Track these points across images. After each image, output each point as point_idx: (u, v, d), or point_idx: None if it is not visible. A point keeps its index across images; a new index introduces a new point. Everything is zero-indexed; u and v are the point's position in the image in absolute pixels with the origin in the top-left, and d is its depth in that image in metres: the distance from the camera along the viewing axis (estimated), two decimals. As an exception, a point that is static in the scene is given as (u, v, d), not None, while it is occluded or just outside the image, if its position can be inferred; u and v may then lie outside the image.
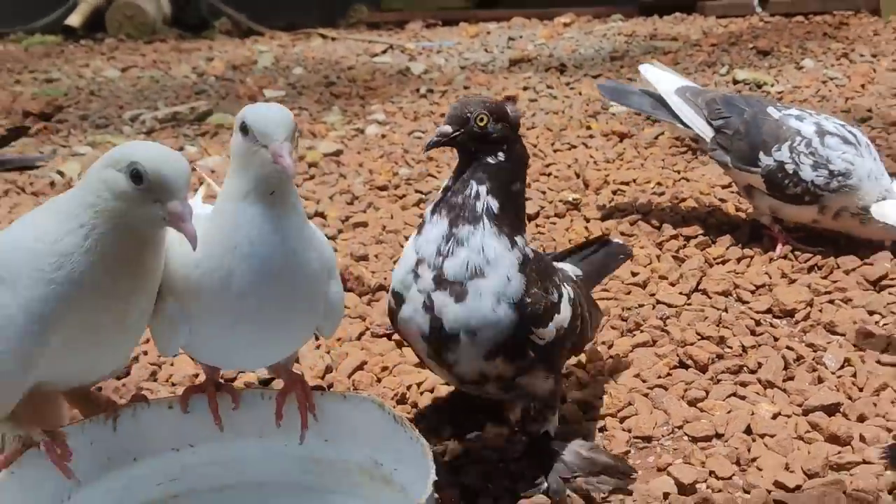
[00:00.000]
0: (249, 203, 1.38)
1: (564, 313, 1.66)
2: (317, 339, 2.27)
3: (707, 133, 2.75)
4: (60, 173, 3.53)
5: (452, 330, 1.53)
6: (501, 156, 1.60)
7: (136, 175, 1.29)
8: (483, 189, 1.57)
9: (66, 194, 1.40)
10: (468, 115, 1.58)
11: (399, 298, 1.59)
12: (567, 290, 1.71)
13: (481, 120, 1.58)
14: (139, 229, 1.33)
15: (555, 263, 1.89)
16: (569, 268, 1.95)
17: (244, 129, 1.36)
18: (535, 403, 1.71)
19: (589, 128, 3.81)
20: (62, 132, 4.13)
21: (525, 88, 4.49)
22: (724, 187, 3.10)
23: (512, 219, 1.59)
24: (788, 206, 2.64)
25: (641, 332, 2.29)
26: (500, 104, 1.63)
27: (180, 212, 1.29)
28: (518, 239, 1.59)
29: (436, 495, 1.34)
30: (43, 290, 1.31)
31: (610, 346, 2.24)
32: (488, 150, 1.60)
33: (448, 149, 2.14)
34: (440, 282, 1.54)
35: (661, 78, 2.90)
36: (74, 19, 6.38)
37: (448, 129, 1.59)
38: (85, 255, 1.31)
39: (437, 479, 1.35)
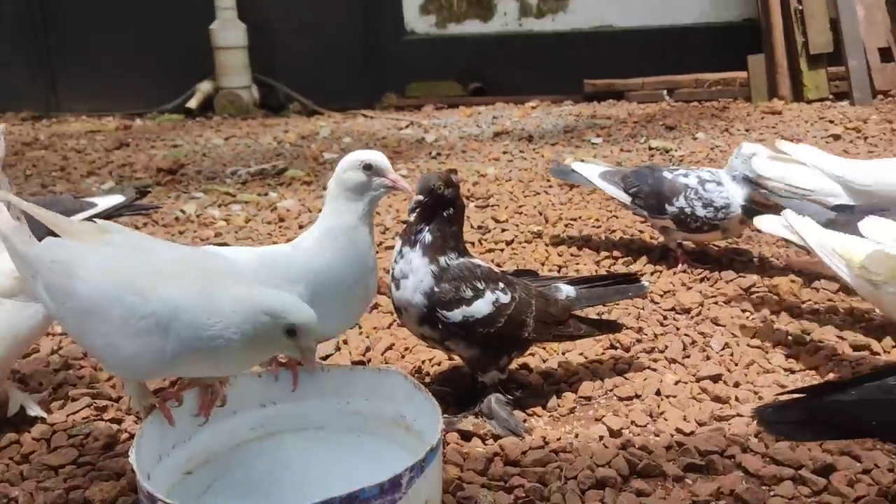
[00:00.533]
0: (365, 224, 1.55)
1: (477, 308, 1.73)
2: (360, 328, 2.28)
3: (626, 199, 2.74)
4: (182, 211, 3.53)
5: (398, 304, 1.77)
6: (451, 210, 1.73)
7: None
8: (426, 228, 1.72)
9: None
10: (432, 185, 1.69)
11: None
12: (498, 295, 1.76)
13: (440, 189, 1.70)
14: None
15: (555, 283, 1.92)
16: (565, 288, 1.92)
17: (367, 167, 1.53)
18: (466, 362, 1.83)
19: (549, 180, 3.80)
20: (183, 182, 4.12)
21: (504, 152, 4.48)
22: (642, 222, 3.09)
23: (438, 246, 1.72)
24: (696, 234, 2.64)
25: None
26: (448, 175, 1.74)
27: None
28: (441, 258, 1.72)
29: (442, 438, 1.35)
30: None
31: None
32: (444, 206, 1.72)
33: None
34: (392, 278, 1.75)
35: (588, 170, 2.87)
36: (192, 103, 6.33)
37: (421, 197, 1.70)
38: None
39: (444, 427, 1.36)
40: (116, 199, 2.67)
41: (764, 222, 2.22)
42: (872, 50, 5.41)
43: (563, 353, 2.10)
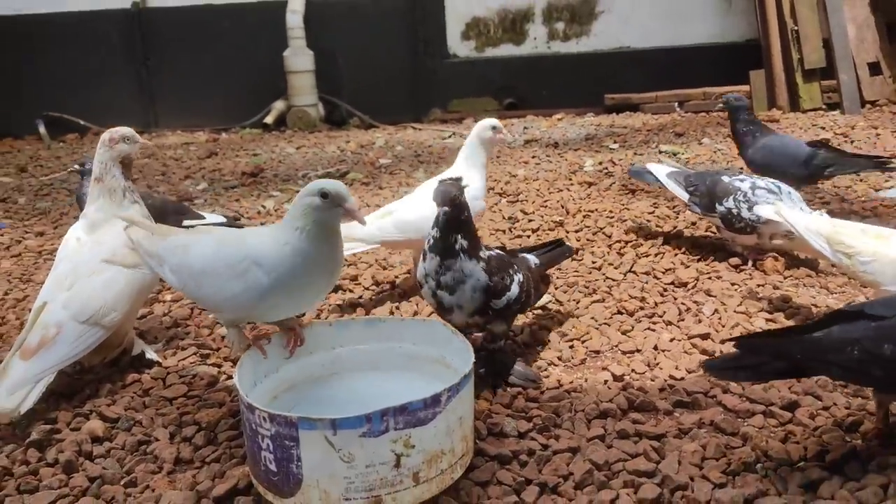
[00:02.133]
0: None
1: (513, 291, 1.77)
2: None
3: (685, 196, 2.70)
4: (263, 206, 3.73)
5: (449, 305, 1.72)
6: (466, 213, 1.71)
7: (323, 195, 1.44)
8: (459, 236, 1.69)
9: (284, 218, 1.51)
10: (453, 196, 1.67)
11: (420, 283, 1.76)
12: (518, 276, 1.80)
13: (458, 198, 1.68)
14: (330, 224, 1.46)
15: (522, 255, 1.96)
16: (531, 258, 2.00)
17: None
18: (495, 336, 1.83)
19: (570, 179, 3.90)
20: (263, 184, 4.31)
21: (533, 157, 4.58)
22: (650, 213, 3.17)
23: (475, 246, 1.71)
24: (738, 235, 2.53)
25: (596, 294, 2.38)
26: (459, 184, 1.71)
27: (353, 209, 1.44)
28: (480, 253, 1.71)
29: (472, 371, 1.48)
30: (285, 267, 1.46)
31: (578, 302, 2.32)
32: (463, 211, 1.70)
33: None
34: (440, 286, 1.71)
35: (658, 169, 2.88)
36: (269, 119, 6.57)
37: (446, 208, 1.67)
38: (304, 243, 1.46)
39: (475, 361, 1.50)
40: (219, 219, 3.05)
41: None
42: (862, 64, 5.37)
43: (577, 317, 2.22)
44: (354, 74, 6.75)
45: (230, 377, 1.96)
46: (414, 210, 2.28)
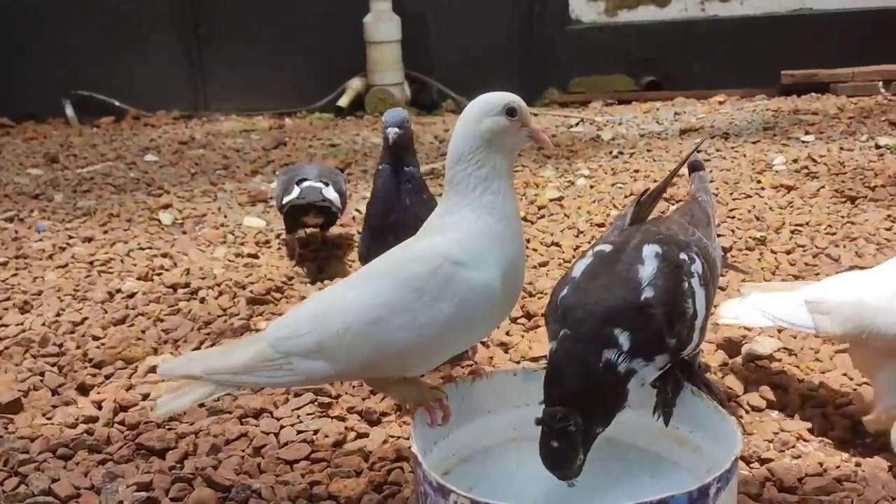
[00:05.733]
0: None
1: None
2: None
3: None
4: (358, 210, 3.69)
5: None
6: None
7: (510, 111, 1.44)
8: None
9: (446, 187, 1.50)
10: None
11: None
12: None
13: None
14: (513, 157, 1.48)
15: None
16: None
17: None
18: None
19: (759, 182, 3.70)
20: (351, 182, 4.30)
21: (698, 151, 4.40)
22: (886, 230, 2.96)
23: None
24: None
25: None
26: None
27: (538, 129, 1.47)
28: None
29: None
30: (499, 248, 1.45)
31: (816, 352, 2.16)
32: None
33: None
34: None
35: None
36: (343, 101, 6.61)
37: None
38: (500, 198, 1.45)
39: (743, 438, 1.35)
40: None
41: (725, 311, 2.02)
42: None
43: (824, 374, 2.04)
44: (449, 46, 6.73)
45: (361, 436, 1.88)
46: None
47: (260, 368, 1.48)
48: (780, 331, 2.17)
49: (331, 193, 3.01)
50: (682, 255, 1.55)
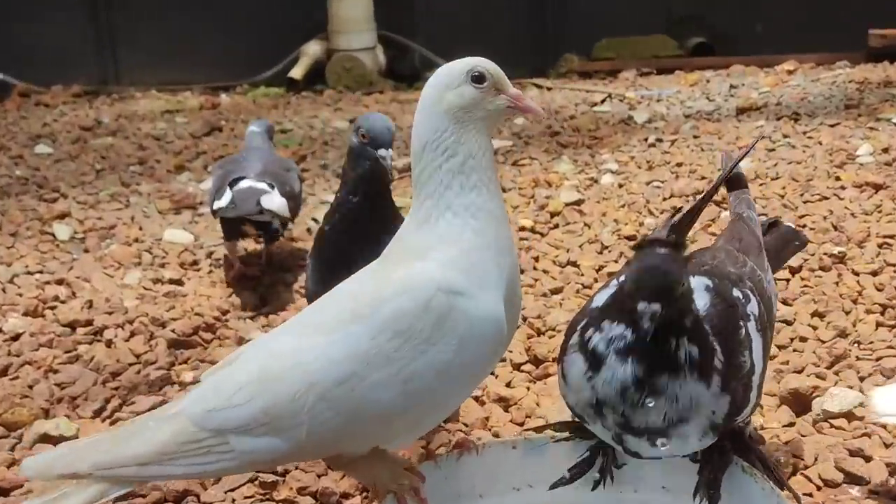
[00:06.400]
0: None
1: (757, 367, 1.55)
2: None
3: None
4: (315, 220, 3.72)
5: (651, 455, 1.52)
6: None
7: (477, 78, 1.49)
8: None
9: (417, 192, 1.53)
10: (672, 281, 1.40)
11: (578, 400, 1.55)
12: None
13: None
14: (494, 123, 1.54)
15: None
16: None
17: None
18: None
19: (838, 178, 3.73)
20: (308, 181, 4.32)
21: (760, 136, 4.45)
22: None
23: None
24: None
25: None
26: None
27: (521, 96, 1.52)
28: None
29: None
30: (496, 262, 1.50)
31: None
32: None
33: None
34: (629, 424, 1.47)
35: None
36: (297, 72, 6.66)
37: (656, 307, 1.38)
38: (482, 199, 1.50)
39: None
40: None
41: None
42: None
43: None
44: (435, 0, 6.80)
45: (315, 526, 1.89)
46: None
47: (179, 455, 1.45)
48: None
49: (273, 201, 3.00)
50: (736, 293, 1.57)
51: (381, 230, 2.02)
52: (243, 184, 3.03)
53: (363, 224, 2.10)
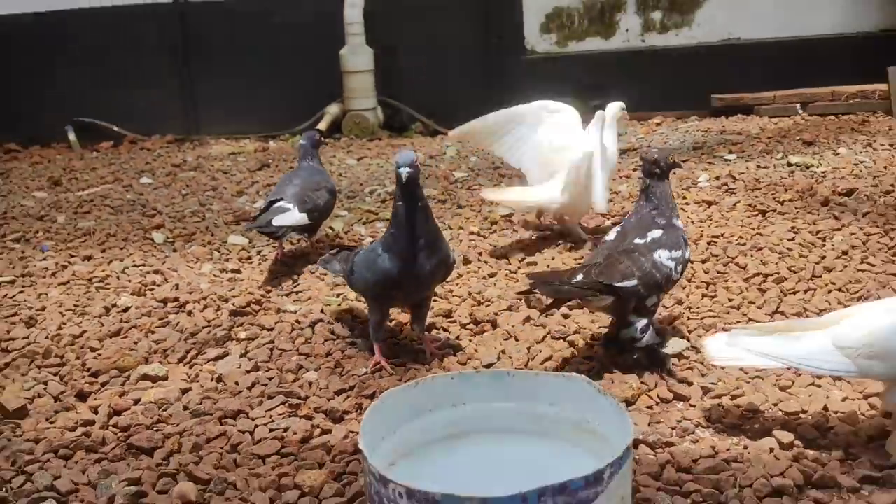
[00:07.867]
0: None
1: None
2: (516, 340, 2.42)
3: None
4: (331, 228, 3.78)
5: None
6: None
7: None
8: None
9: None
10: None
11: None
12: None
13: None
14: None
15: None
16: None
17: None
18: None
19: (685, 197, 3.84)
20: (327, 201, 4.37)
21: (634, 170, 4.53)
22: (789, 240, 3.09)
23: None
24: None
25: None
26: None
27: None
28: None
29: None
30: None
31: None
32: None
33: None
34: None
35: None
36: (322, 125, 6.66)
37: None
38: None
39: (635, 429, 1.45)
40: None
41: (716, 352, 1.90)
42: None
43: (724, 369, 2.17)
44: (417, 74, 6.81)
45: (325, 432, 1.98)
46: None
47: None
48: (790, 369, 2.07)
49: (290, 218, 3.06)
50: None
51: (424, 219, 2.21)
52: (275, 205, 3.14)
53: (410, 213, 2.21)
